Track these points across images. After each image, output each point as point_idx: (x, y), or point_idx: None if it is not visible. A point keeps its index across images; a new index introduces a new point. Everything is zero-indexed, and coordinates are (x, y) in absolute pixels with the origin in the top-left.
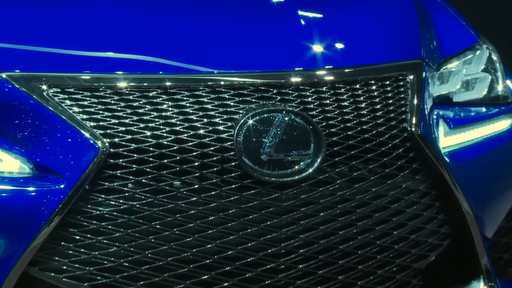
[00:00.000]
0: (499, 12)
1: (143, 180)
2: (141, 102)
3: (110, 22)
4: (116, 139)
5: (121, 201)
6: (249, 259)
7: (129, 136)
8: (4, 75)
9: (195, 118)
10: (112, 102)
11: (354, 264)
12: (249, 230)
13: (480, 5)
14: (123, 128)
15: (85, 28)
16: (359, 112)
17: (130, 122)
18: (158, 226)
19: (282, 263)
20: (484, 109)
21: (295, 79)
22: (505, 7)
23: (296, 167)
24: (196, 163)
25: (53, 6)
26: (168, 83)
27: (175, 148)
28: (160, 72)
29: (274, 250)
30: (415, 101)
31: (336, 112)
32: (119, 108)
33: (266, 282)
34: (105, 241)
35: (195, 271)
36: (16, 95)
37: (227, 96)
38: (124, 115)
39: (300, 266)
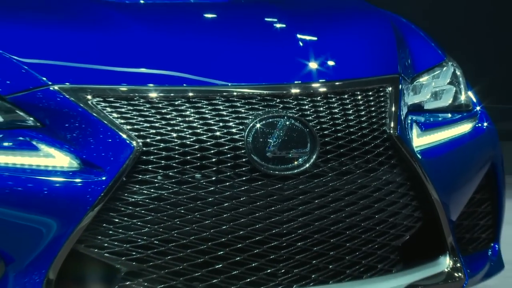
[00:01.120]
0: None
1: (170, 173)
2: (168, 109)
3: (142, 43)
4: (148, 140)
5: (152, 190)
6: (257, 238)
7: (159, 137)
8: (56, 87)
9: (212, 122)
10: (145, 109)
11: (343, 242)
12: (256, 214)
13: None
14: (154, 131)
15: (122, 48)
16: (347, 118)
17: (160, 126)
18: (182, 211)
19: (284, 241)
20: (449, 115)
21: (294, 90)
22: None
23: (295, 162)
24: (214, 159)
25: (95, 30)
26: (190, 94)
27: (196, 147)
28: (184, 85)
29: (277, 231)
30: (393, 109)
31: (328, 118)
32: (150, 114)
33: (271, 257)
34: (139, 223)
35: (213, 248)
36: (66, 104)
37: (239, 104)
38: (155, 120)
39: (299, 244)
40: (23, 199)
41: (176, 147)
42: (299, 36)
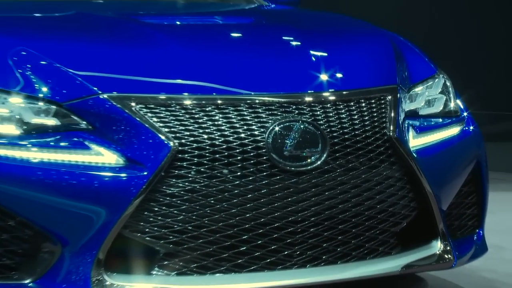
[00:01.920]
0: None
1: (202, 169)
2: (200, 115)
3: (178, 57)
4: (183, 140)
5: (186, 183)
6: (275, 224)
7: (192, 138)
8: (105, 95)
9: (238, 125)
10: (180, 114)
11: (349, 228)
12: (275, 204)
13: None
14: (188, 133)
15: (161, 62)
16: (353, 122)
17: (193, 128)
18: (212, 201)
19: (298, 227)
20: (440, 120)
21: (308, 98)
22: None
23: (309, 160)
24: (239, 157)
25: (138, 46)
26: (219, 101)
27: (224, 146)
28: (214, 94)
29: (293, 218)
30: (392, 114)
31: (336, 122)
32: (185, 119)
33: (288, 241)
34: (175, 211)
35: (238, 233)
36: (113, 110)
37: (260, 110)
38: (189, 124)
39: (311, 229)
40: (77, 191)
41: (207, 147)
42: (311, 52)
